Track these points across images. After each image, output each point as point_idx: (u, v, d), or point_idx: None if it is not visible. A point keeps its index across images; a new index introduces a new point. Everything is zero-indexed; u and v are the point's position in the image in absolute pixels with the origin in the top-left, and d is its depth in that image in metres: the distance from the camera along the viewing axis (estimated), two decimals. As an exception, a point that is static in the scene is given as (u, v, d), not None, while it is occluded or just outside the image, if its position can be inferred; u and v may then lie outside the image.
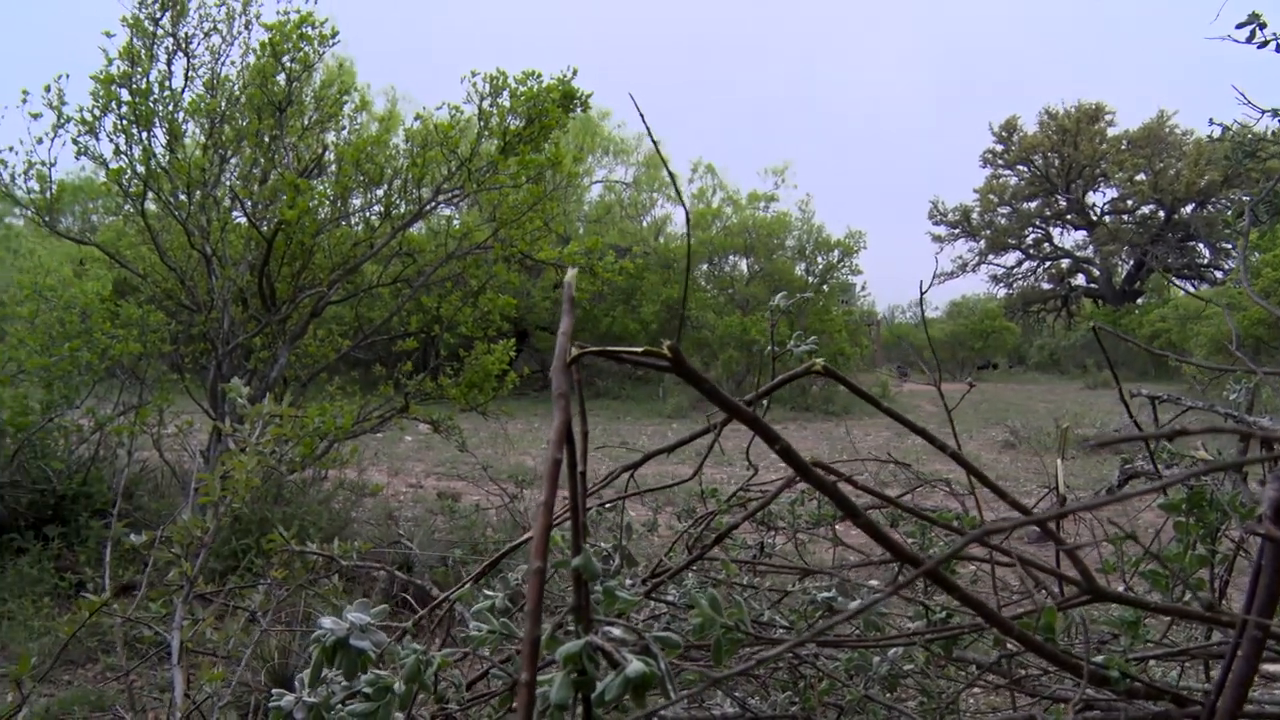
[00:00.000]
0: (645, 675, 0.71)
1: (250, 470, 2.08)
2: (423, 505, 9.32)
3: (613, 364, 27.70)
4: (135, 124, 7.13)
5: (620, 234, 28.69)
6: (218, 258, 7.37)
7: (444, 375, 8.05)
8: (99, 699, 4.68)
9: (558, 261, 8.07)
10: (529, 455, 13.32)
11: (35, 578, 5.98)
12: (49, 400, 6.84)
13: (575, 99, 7.65)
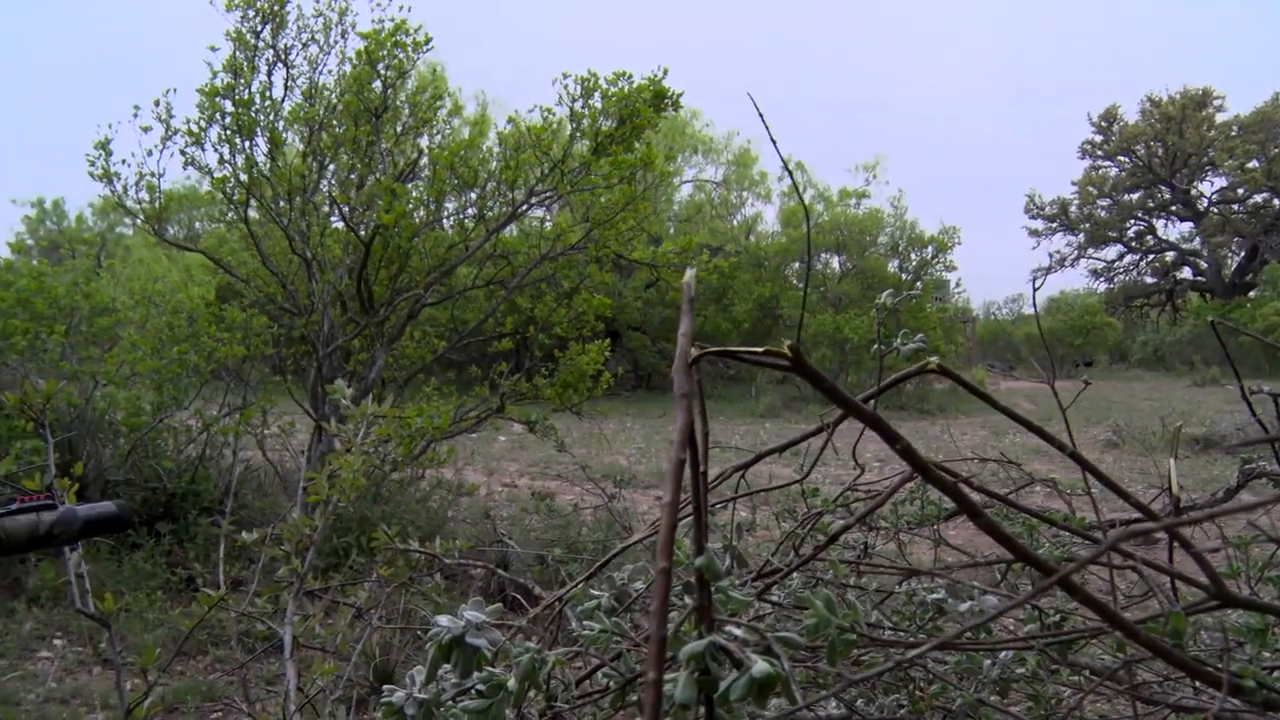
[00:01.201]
0: (770, 675, 0.70)
1: (356, 470, 2.11)
2: (517, 504, 9.40)
3: (706, 363, 27.68)
4: (238, 134, 7.32)
5: (711, 233, 28.63)
6: (317, 262, 7.52)
7: (539, 376, 8.10)
8: (209, 690, 4.81)
9: (651, 261, 8.08)
10: (622, 455, 13.35)
11: (149, 572, 6.17)
12: (159, 402, 7.05)
13: (666, 98, 7.64)
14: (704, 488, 0.77)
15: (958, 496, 0.86)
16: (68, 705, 4.62)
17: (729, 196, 34.44)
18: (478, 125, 8.91)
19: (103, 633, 5.48)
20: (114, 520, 1.34)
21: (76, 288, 7.51)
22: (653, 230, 18.34)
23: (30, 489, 1.61)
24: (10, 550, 1.19)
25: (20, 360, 6.87)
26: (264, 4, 7.38)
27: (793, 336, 4.27)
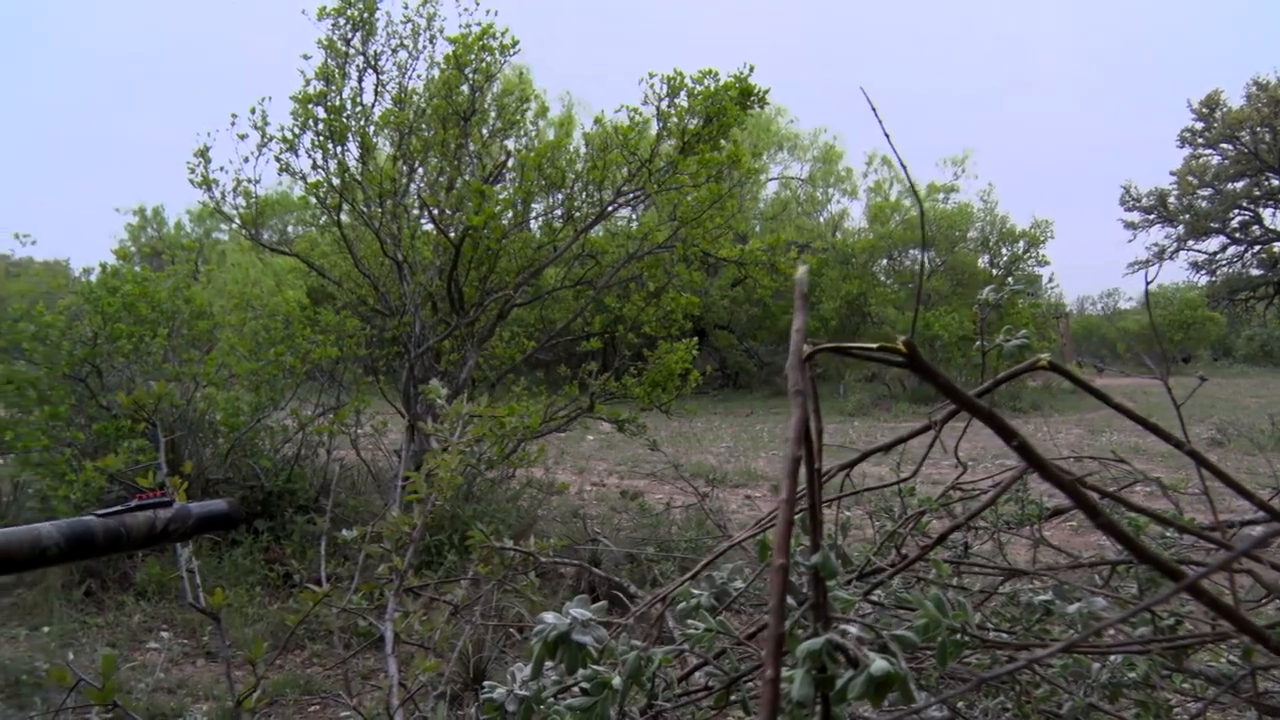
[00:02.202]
0: (890, 674, 0.69)
1: (453, 469, 2.14)
2: (606, 503, 9.44)
3: (792, 361, 27.52)
4: (331, 139, 7.46)
5: (797, 230, 28.47)
6: (408, 264, 7.63)
7: (627, 375, 8.12)
8: (308, 683, 4.91)
9: (739, 259, 8.06)
10: (710, 454, 13.34)
11: (248, 568, 6.33)
12: (257, 402, 7.21)
13: (752, 95, 7.61)
14: (819, 485, 0.76)
15: (1076, 495, 0.84)
16: (174, 695, 4.75)
17: (815, 193, 34.23)
18: (563, 126, 8.94)
19: (206, 626, 5.65)
20: (225, 518, 1.38)
21: (178, 292, 7.72)
22: (739, 228, 18.28)
23: (144, 487, 1.66)
24: (130, 546, 1.23)
25: (126, 363, 7.07)
26: (354, 12, 7.51)
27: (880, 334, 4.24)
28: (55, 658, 5.03)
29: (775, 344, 27.67)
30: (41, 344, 6.99)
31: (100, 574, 6.22)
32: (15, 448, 6.83)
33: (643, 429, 7.66)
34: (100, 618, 5.81)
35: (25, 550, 1.09)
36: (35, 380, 6.93)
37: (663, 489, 10.67)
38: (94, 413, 7.01)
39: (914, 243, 28.18)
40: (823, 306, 26.18)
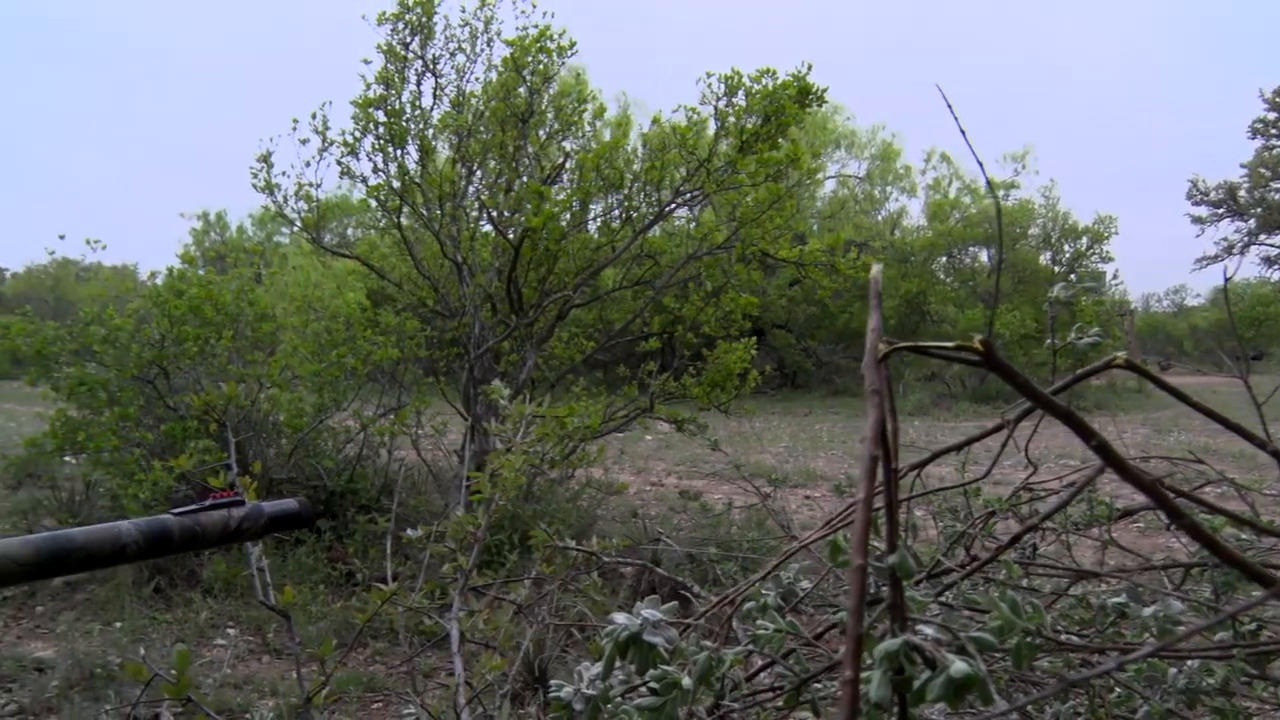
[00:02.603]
0: (969, 676, 0.69)
1: (517, 469, 2.15)
2: (664, 503, 9.44)
3: (852, 361, 27.26)
4: (391, 143, 7.53)
5: (855, 229, 28.27)
6: (468, 266, 7.68)
7: (687, 375, 8.12)
8: (370, 680, 4.96)
9: (798, 260, 8.01)
10: (769, 454, 13.30)
11: (311, 567, 6.41)
12: (320, 403, 7.30)
13: (811, 94, 7.57)
14: (896, 485, 0.76)
15: (1158, 496, 0.83)
16: (240, 691, 4.82)
17: (872, 191, 34.00)
18: (621, 127, 8.96)
19: (271, 623, 5.73)
20: (295, 516, 1.40)
21: (242, 295, 7.84)
22: (798, 228, 18.20)
23: (216, 486, 1.69)
24: (205, 544, 1.25)
25: (191, 365, 7.19)
26: (413, 16, 7.58)
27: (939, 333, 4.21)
28: (127, 652, 5.14)
29: (833, 343, 27.52)
30: (111, 347, 7.14)
31: (169, 571, 6.34)
32: (87, 447, 6.99)
33: (703, 429, 7.65)
34: (169, 614, 5.92)
35: (106, 548, 1.11)
36: (105, 382, 7.08)
37: (721, 489, 10.65)
38: (162, 413, 7.14)
39: (974, 240, 27.88)
40: (881, 305, 25.98)
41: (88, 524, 4.45)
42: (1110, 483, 4.39)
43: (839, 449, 14.91)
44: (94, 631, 5.60)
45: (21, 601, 6.12)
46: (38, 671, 4.97)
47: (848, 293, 24.93)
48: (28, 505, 7.99)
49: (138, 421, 7.06)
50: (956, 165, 32.79)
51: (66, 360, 7.40)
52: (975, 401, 22.22)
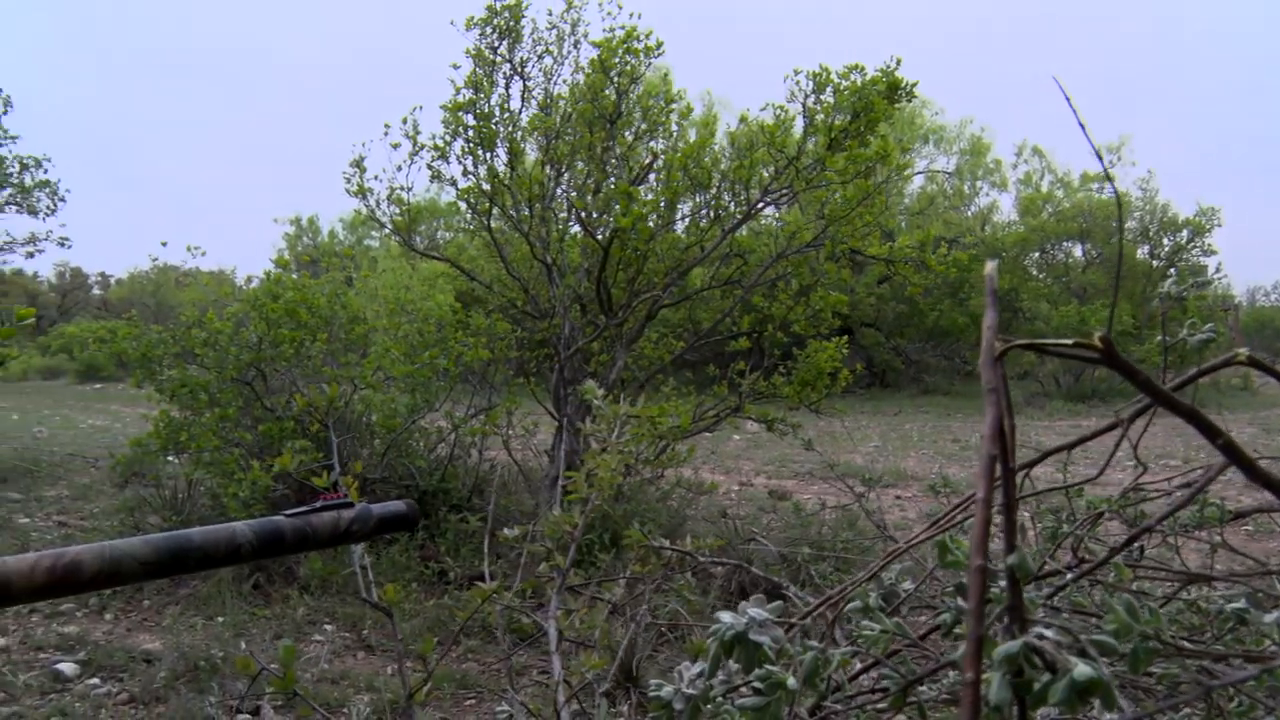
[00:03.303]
0: (1093, 680, 0.67)
1: (613, 469, 2.16)
2: (753, 503, 9.41)
3: (941, 360, 26.89)
4: (480, 146, 7.62)
5: (944, 225, 27.87)
6: (557, 267, 7.73)
7: (777, 374, 8.08)
8: (463, 678, 5.02)
9: (888, 257, 7.93)
10: (858, 454, 13.18)
11: (404, 565, 6.51)
12: (412, 404, 7.40)
13: (900, 89, 7.48)
14: (1014, 485, 0.74)
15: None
16: (337, 686, 4.92)
17: (962, 187, 33.49)
18: (707, 126, 8.93)
19: (366, 620, 5.83)
20: (403, 518, 1.42)
21: (335, 298, 7.98)
22: (885, 224, 18.02)
23: (321, 486, 1.73)
24: (315, 545, 1.28)
25: (287, 367, 7.35)
26: (501, 20, 7.66)
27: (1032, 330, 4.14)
28: (229, 646, 5.27)
29: (923, 342, 27.17)
30: (211, 349, 7.32)
31: (267, 568, 6.49)
32: (189, 448, 7.19)
33: (795, 428, 7.61)
34: (268, 610, 6.06)
35: (222, 548, 1.14)
36: (206, 384, 7.27)
37: (811, 489, 10.58)
38: (259, 414, 7.31)
39: (1068, 235, 27.31)
40: (971, 302, 25.59)
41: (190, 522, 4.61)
42: (1220, 485, 4.25)
43: (929, 449, 14.72)
44: (197, 626, 5.76)
45: (129, 596, 6.32)
46: (146, 663, 5.14)
47: (937, 290, 24.66)
48: (134, 503, 8.23)
49: (237, 422, 7.24)
50: (1049, 158, 32.18)
51: (169, 363, 7.62)
52: (1070, 400, 21.78)
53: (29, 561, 0.97)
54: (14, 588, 0.94)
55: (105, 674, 5.05)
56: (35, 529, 8.27)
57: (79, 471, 11.48)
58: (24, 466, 11.35)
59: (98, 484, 10.45)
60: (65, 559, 1.00)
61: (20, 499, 9.49)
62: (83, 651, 5.31)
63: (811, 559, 5.56)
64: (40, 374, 39.05)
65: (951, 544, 1.07)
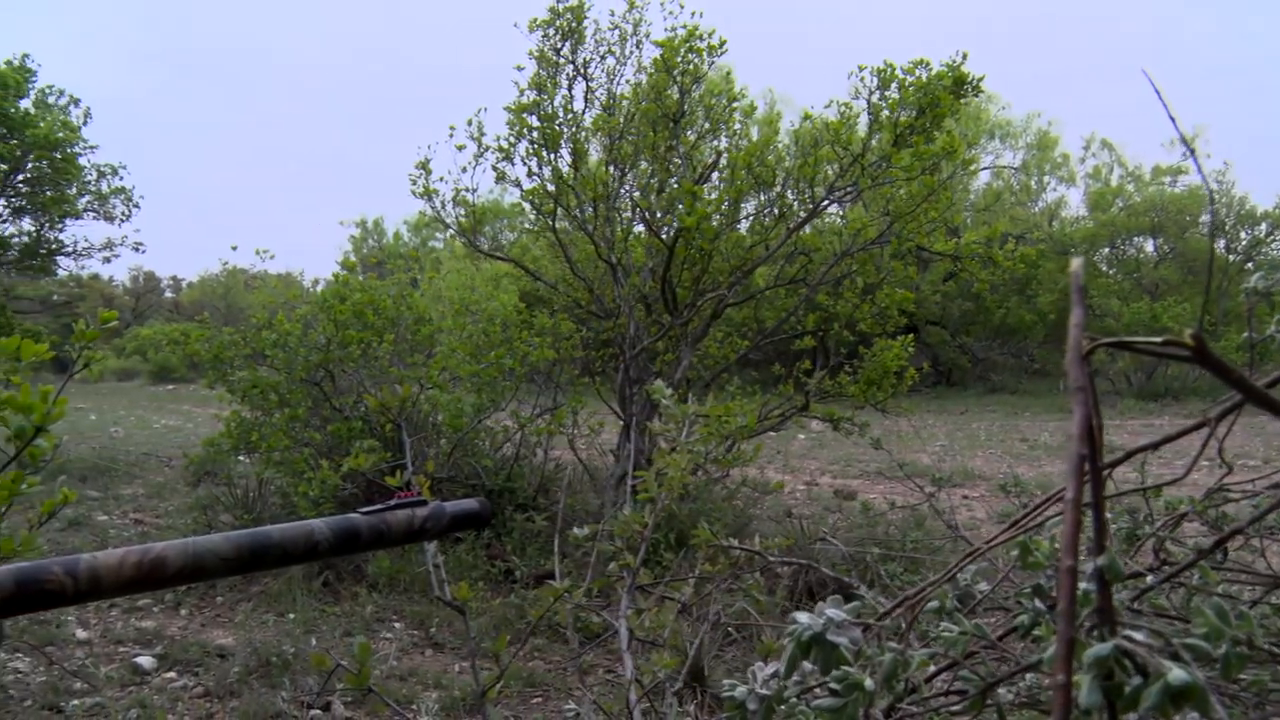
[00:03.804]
0: (1190, 685, 0.66)
1: (683, 468, 2.16)
2: (819, 503, 9.36)
3: (1009, 358, 26.53)
4: (545, 146, 7.65)
5: (1011, 221, 27.48)
6: (622, 266, 7.74)
7: (843, 373, 8.03)
8: (530, 676, 5.05)
9: (954, 254, 7.85)
10: (924, 453, 13.05)
11: (470, 563, 6.56)
12: (479, 404, 7.45)
13: (966, 84, 7.39)
14: (1102, 485, 0.73)
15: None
16: (405, 682, 4.97)
17: (1029, 182, 33.00)
18: (771, 124, 8.89)
19: (434, 618, 5.88)
20: (476, 516, 1.43)
21: (401, 299, 8.07)
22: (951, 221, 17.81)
23: (394, 486, 1.74)
24: (390, 542, 1.29)
25: (355, 367, 7.44)
26: (564, 22, 7.68)
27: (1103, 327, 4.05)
28: (300, 643, 5.35)
29: (989, 339, 26.82)
30: (281, 350, 7.44)
31: (336, 566, 6.58)
32: (260, 447, 7.31)
33: (865, 427, 7.55)
34: (337, 607, 6.14)
35: (300, 545, 1.16)
36: (276, 384, 7.39)
37: (876, 488, 10.50)
38: (328, 414, 7.41)
39: (1139, 230, 26.79)
40: (1039, 299, 25.23)
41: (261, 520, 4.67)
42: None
43: (997, 448, 14.54)
44: (269, 622, 5.86)
45: (203, 592, 6.44)
46: (220, 658, 5.24)
47: (1004, 287, 24.32)
48: (206, 501, 8.40)
49: (306, 422, 7.34)
50: (1119, 152, 31.60)
51: (240, 364, 7.76)
52: (1141, 399, 21.38)
53: (117, 556, 0.99)
54: (103, 582, 0.96)
55: (181, 668, 5.16)
56: (113, 526, 8.47)
57: (153, 470, 11.74)
58: (103, 465, 11.63)
59: (171, 483, 10.67)
60: (151, 555, 1.02)
61: (99, 497, 9.72)
62: (160, 646, 5.43)
63: (881, 559, 5.51)
64: (116, 375, 40.00)
65: (1032, 545, 1.06)
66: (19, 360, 1.92)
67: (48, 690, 4.72)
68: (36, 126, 13.15)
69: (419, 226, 43.33)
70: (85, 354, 2.08)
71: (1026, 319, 25.38)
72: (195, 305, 44.51)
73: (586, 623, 5.35)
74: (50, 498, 2.15)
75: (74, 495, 2.17)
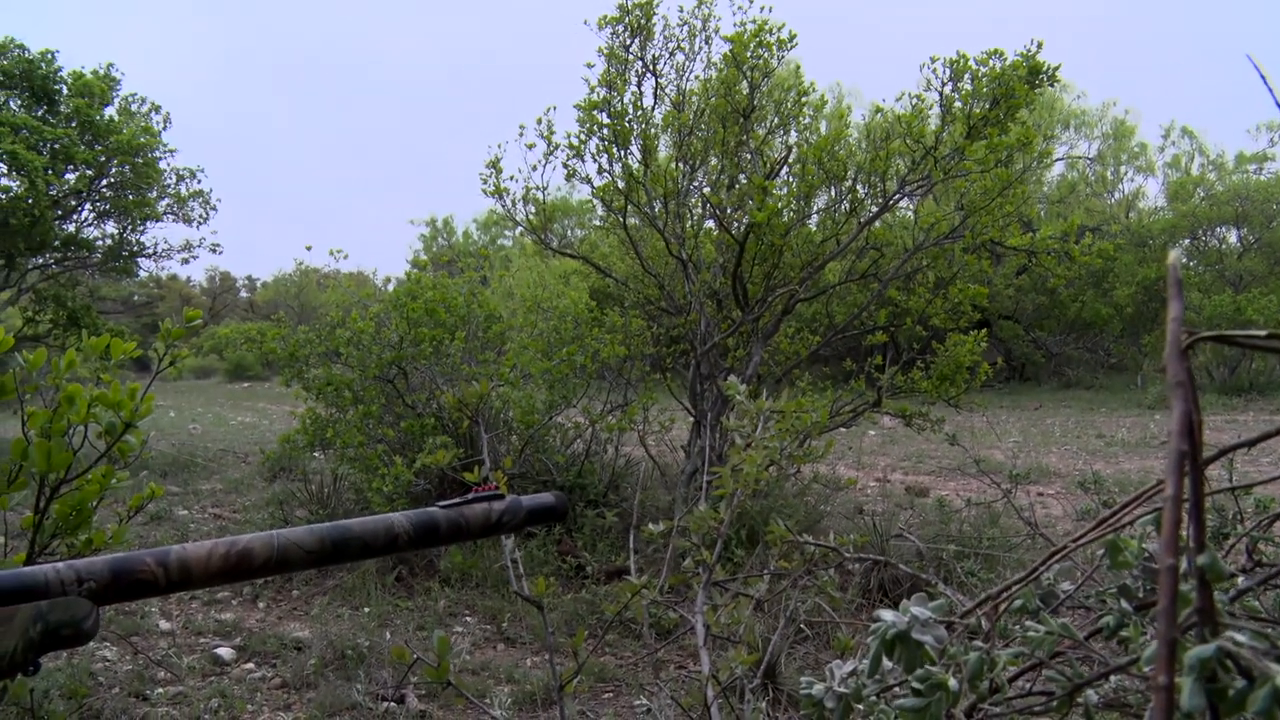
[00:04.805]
0: (1302, 689, 0.64)
1: (759, 464, 2.15)
2: (890, 500, 9.27)
3: (1084, 352, 26.06)
4: (615, 143, 7.66)
5: (1087, 213, 26.98)
6: (693, 262, 7.74)
7: (915, 369, 7.95)
8: (601, 671, 5.06)
9: (1029, 248, 7.72)
10: (998, 449, 12.87)
11: (542, 559, 6.60)
12: (550, 400, 7.50)
13: (1042, 74, 7.27)
14: (1203, 482, 0.71)
15: None
16: (477, 676, 5.01)
17: (1104, 173, 32.33)
18: (840, 118, 8.83)
19: (505, 613, 5.93)
20: (551, 510, 1.44)
21: (473, 297, 8.14)
22: (1025, 214, 17.52)
23: (472, 481, 1.76)
24: (468, 535, 1.30)
25: (427, 365, 7.52)
26: (633, 19, 7.68)
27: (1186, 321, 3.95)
28: (374, 636, 5.42)
29: (1064, 334, 26.36)
30: (355, 348, 7.54)
31: (409, 561, 6.65)
32: (334, 444, 7.42)
33: (938, 423, 7.47)
34: (410, 602, 6.21)
35: (381, 538, 1.17)
36: (350, 382, 7.49)
37: (948, 485, 10.38)
38: (401, 411, 7.50)
39: (1222, 220, 26.13)
40: (1116, 293, 24.72)
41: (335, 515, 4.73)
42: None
43: (1072, 444, 14.30)
44: (344, 616, 5.94)
45: (280, 586, 6.55)
46: (296, 650, 5.32)
47: (1079, 281, 23.89)
48: (282, 496, 8.54)
49: (379, 419, 7.44)
50: (1200, 139, 30.83)
51: (315, 362, 7.88)
52: (1224, 394, 20.87)
53: (206, 548, 1.02)
54: (193, 573, 0.98)
55: (259, 659, 5.26)
56: (193, 520, 8.65)
57: (231, 466, 11.97)
58: (183, 461, 11.89)
59: (248, 478, 10.87)
60: (238, 547, 1.04)
61: (179, 492, 9.93)
62: (239, 637, 5.54)
63: (956, 556, 5.45)
64: (193, 373, 40.85)
65: (1122, 544, 1.03)
66: (108, 359, 1.97)
67: (134, 678, 4.85)
68: (120, 133, 13.48)
69: (488, 224, 43.68)
70: (172, 352, 2.13)
71: (1103, 313, 24.90)
72: (269, 304, 45.29)
73: (659, 618, 5.35)
74: (137, 492, 2.20)
75: (161, 490, 2.22)
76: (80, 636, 0.91)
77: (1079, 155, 31.90)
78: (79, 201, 14.26)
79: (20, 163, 11.79)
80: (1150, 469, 11.25)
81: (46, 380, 1.99)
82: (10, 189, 12.46)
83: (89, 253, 14.94)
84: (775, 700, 4.03)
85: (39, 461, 1.97)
